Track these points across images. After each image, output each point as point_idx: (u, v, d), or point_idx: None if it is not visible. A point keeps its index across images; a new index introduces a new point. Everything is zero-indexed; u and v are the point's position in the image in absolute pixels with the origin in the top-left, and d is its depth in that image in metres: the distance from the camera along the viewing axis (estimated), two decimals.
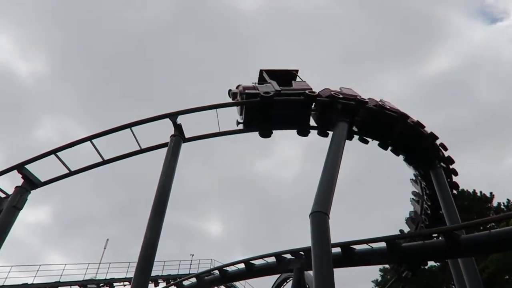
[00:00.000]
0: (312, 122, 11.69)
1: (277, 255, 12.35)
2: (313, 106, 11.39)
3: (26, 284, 20.56)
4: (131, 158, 11.46)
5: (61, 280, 21.67)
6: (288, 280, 16.31)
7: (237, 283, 25.76)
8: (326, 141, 10.46)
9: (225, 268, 14.95)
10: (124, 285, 23.27)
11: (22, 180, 10.59)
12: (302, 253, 11.52)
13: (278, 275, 15.55)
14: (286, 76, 12.49)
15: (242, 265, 14.14)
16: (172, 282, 21.43)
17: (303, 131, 11.25)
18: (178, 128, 10.57)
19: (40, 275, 21.81)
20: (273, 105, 10.66)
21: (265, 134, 11.18)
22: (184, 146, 10.80)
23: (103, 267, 24.08)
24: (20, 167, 10.48)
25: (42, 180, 11.00)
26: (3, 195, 10.75)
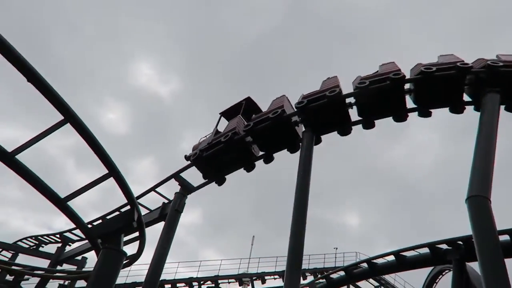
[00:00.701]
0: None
1: (431, 245, 11.43)
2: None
3: (192, 277, 23.21)
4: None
5: (219, 274, 23.89)
6: (444, 273, 14.99)
7: (386, 276, 24.76)
8: (461, 120, 9.20)
9: (373, 261, 14.47)
10: (275, 278, 24.44)
11: (179, 187, 12.00)
12: (460, 242, 10.45)
13: (431, 268, 14.42)
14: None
15: (391, 257, 13.53)
16: (319, 276, 21.73)
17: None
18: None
19: (201, 270, 24.48)
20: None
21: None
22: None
23: (253, 261, 25.84)
24: (176, 176, 11.89)
25: (195, 185, 12.26)
26: (166, 201, 12.35)
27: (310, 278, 24.43)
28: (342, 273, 18.42)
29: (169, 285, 22.56)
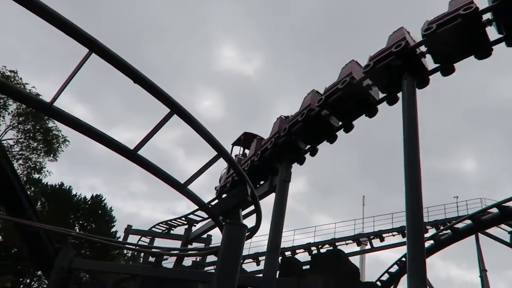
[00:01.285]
0: None
1: None
2: None
3: (309, 243, 23.83)
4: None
5: (336, 237, 24.10)
6: None
7: None
8: None
9: (505, 205, 13.20)
10: (393, 235, 23.84)
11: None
12: None
13: None
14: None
15: None
16: (442, 228, 20.59)
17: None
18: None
19: (317, 235, 24.97)
20: None
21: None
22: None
23: (367, 221, 25.49)
24: None
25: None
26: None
27: (431, 231, 23.31)
28: (468, 221, 17.18)
29: (289, 252, 23.50)
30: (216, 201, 15.02)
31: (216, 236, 22.40)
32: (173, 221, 24.58)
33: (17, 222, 25.39)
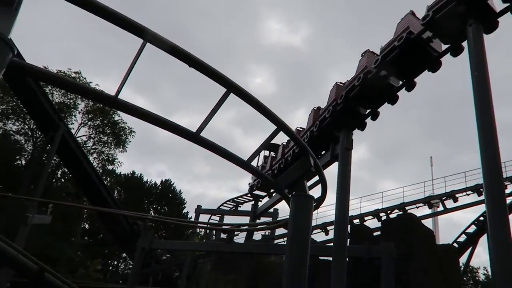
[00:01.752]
0: None
1: None
2: None
3: (378, 209, 23.35)
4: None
5: (405, 201, 23.36)
6: None
7: None
8: None
9: None
10: (468, 195, 22.57)
11: None
12: None
13: None
14: None
15: None
16: None
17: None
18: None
19: (385, 201, 24.35)
20: None
21: None
22: None
23: (437, 182, 24.35)
24: None
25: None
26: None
27: (511, 188, 21.77)
28: None
29: (357, 220, 23.22)
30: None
31: (282, 209, 22.75)
32: (240, 198, 25.29)
33: (100, 211, 27.64)
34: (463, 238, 22.58)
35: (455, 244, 21.26)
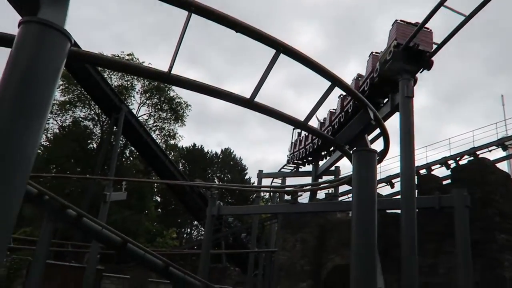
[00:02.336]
0: None
1: None
2: None
3: (446, 157, 22.25)
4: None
5: (475, 145, 21.99)
6: None
7: None
8: None
9: None
10: None
11: None
12: None
13: None
14: None
15: None
16: None
17: None
18: None
19: (453, 147, 23.06)
20: None
21: None
22: None
23: (510, 122, 22.54)
24: None
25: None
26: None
27: None
28: None
29: (424, 170, 22.37)
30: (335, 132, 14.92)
31: (343, 166, 22.46)
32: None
33: (168, 184, 29.20)
34: None
35: None
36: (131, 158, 38.34)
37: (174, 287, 19.60)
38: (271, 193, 28.26)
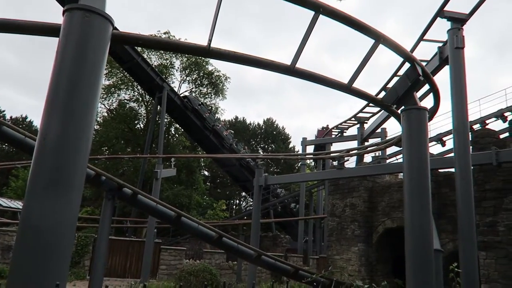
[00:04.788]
0: None
1: None
2: None
3: (502, 109, 20.94)
4: None
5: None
6: None
7: None
8: None
9: None
10: None
11: (448, 23, 10.61)
12: None
13: None
14: None
15: None
16: None
17: None
18: None
19: (509, 98, 21.60)
20: None
21: None
22: None
23: None
24: (441, 12, 10.51)
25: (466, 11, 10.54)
26: (440, 44, 11.26)
27: None
28: None
29: (477, 125, 21.23)
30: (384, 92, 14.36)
31: (390, 129, 21.76)
32: (343, 123, 24.92)
33: (214, 158, 29.80)
34: None
35: None
36: (177, 135, 39.39)
37: (228, 256, 20.41)
38: (316, 160, 28.14)
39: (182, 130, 34.71)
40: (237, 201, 51.41)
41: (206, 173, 48.03)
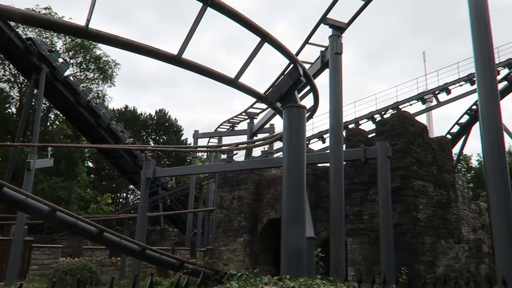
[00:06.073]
0: None
1: None
2: None
3: (372, 111, 23.60)
4: None
5: (398, 100, 23.51)
6: None
7: None
8: None
9: None
10: (461, 85, 22.65)
11: (330, 30, 11.51)
12: None
13: None
14: None
15: None
16: None
17: None
18: None
19: (379, 102, 24.50)
20: None
21: None
22: None
23: (430, 77, 24.26)
24: (324, 19, 11.35)
25: (345, 21, 11.56)
26: (323, 49, 12.17)
27: (504, 72, 21.75)
28: None
29: (352, 124, 23.60)
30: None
31: (279, 124, 22.99)
32: (235, 118, 25.44)
33: (99, 148, 27.91)
34: (456, 128, 23.17)
35: (448, 136, 21.86)
36: (57, 123, 35.86)
37: (112, 252, 19.35)
38: (207, 153, 28.28)
39: (64, 117, 31.74)
40: (125, 195, 49.03)
41: (90, 164, 44.76)
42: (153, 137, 49.63)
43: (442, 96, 22.87)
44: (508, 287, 4.46)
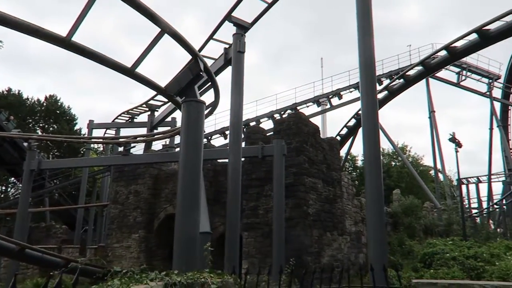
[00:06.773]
0: None
1: None
2: None
3: (272, 111, 24.57)
4: None
5: (297, 101, 24.88)
6: None
7: (468, 59, 23.63)
8: None
9: (453, 46, 13.66)
10: (351, 92, 24.81)
11: (235, 28, 11.71)
12: None
13: None
14: None
15: (474, 36, 12.57)
16: (395, 77, 21.52)
17: None
18: None
19: (279, 102, 25.59)
20: None
21: None
22: None
23: (326, 81, 26.12)
24: (229, 17, 11.49)
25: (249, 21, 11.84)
26: (226, 46, 12.30)
27: (386, 82, 24.35)
28: (419, 68, 17.92)
29: (254, 122, 24.33)
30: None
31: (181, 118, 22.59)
32: (135, 109, 24.35)
33: None
34: (345, 131, 25.32)
35: (338, 137, 23.79)
36: None
37: None
38: (103, 145, 26.65)
39: None
40: (4, 188, 43.71)
41: None
42: (41, 125, 44.99)
43: (335, 101, 24.87)
44: (375, 272, 5.06)
